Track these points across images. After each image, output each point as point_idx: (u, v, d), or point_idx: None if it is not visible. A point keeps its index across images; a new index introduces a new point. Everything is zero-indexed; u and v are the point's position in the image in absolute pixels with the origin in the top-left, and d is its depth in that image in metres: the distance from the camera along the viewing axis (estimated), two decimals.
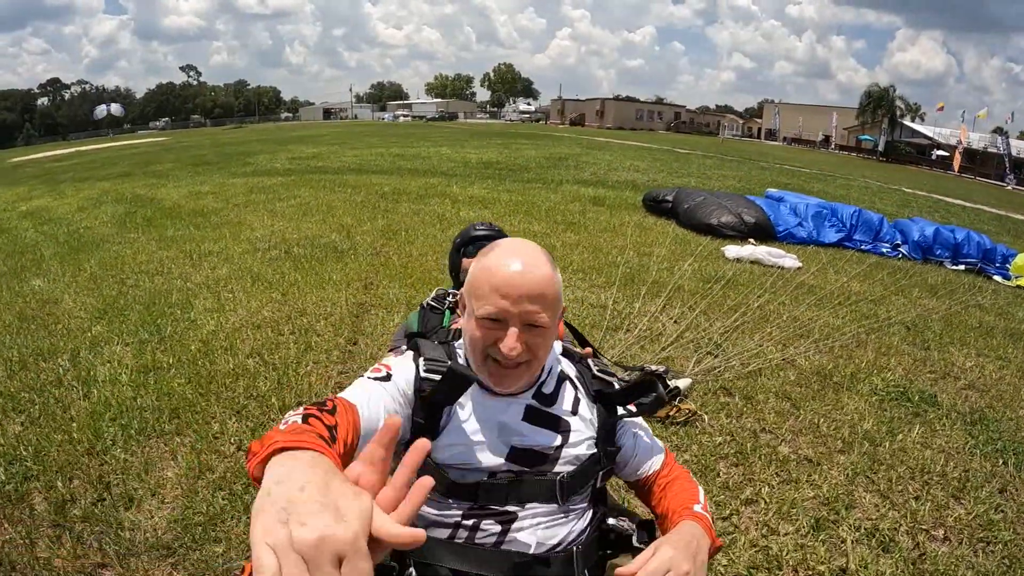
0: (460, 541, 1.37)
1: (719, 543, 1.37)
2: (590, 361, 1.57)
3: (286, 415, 1.09)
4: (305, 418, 1.06)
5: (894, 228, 8.14)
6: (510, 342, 1.28)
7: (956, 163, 51.94)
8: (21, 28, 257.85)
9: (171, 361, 3.67)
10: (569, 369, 1.52)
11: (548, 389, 1.46)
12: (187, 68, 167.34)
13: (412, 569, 1.34)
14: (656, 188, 10.51)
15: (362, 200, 9.48)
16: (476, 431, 1.37)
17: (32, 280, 5.88)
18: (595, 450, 1.45)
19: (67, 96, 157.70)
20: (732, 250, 6.60)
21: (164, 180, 13.66)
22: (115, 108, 55.66)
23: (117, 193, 11.88)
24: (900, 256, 7.58)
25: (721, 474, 2.61)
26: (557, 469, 1.39)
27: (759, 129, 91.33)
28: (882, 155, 60.90)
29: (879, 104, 65.41)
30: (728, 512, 2.35)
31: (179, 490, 2.43)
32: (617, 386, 1.52)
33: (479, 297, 1.31)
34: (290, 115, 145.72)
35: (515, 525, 1.37)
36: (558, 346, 1.56)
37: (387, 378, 1.38)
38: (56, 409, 3.15)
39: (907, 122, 70.39)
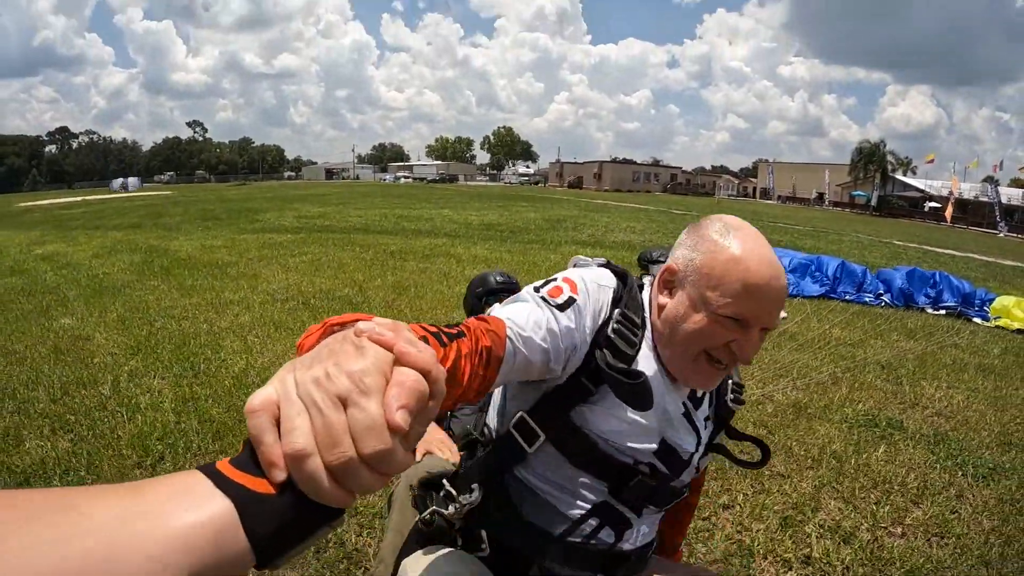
0: (575, 540, 1.28)
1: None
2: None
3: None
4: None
5: (876, 278, 8.53)
6: (752, 346, 1.17)
7: (948, 214, 52.56)
8: (32, 75, 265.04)
9: (207, 393, 4.02)
10: None
11: (699, 392, 1.36)
12: (193, 124, 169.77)
13: (486, 547, 1.30)
14: (650, 247, 10.88)
15: (371, 258, 9.89)
16: (641, 412, 1.23)
17: (61, 319, 6.16)
18: (707, 461, 1.45)
19: (75, 145, 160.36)
20: None
21: (175, 233, 14.21)
22: (132, 182, 56.79)
23: (130, 243, 12.40)
24: (883, 304, 7.92)
25: (706, 485, 2.92)
26: (683, 477, 1.35)
27: (754, 188, 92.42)
28: (875, 210, 61.53)
29: (870, 160, 66.40)
30: (707, 514, 2.72)
31: None
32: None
33: (726, 292, 1.16)
34: (292, 174, 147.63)
35: (627, 532, 1.31)
36: None
37: (567, 305, 1.17)
38: (104, 429, 3.51)
39: (899, 176, 71.36)
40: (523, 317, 1.10)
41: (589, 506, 1.26)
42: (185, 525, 0.44)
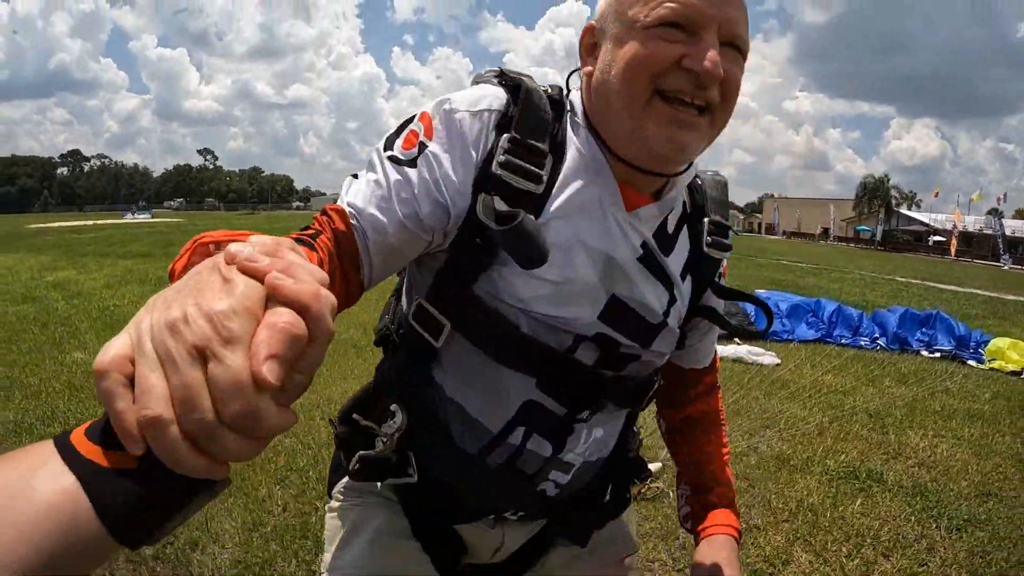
0: (494, 464, 1.05)
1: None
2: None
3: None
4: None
5: (872, 322, 8.62)
6: (708, 53, 0.87)
7: (952, 247, 52.90)
8: (47, 97, 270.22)
9: None
10: (687, 203, 1.13)
11: (671, 226, 1.07)
12: (204, 152, 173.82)
13: (413, 471, 1.06)
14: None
15: (377, 298, 9.95)
16: (577, 261, 0.97)
17: (73, 352, 6.35)
18: (679, 327, 1.11)
19: (87, 168, 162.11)
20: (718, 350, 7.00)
21: None
22: (142, 217, 57.45)
23: (141, 273, 12.74)
24: (878, 348, 8.00)
25: (680, 538, 3.08)
26: (654, 348, 1.06)
27: (760, 224, 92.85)
28: (880, 244, 61.85)
29: (874, 195, 66.81)
30: (682, 565, 2.85)
31: (237, 539, 2.99)
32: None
33: None
34: (301, 204, 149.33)
35: (570, 441, 1.06)
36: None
37: (418, 156, 0.94)
38: None
39: (903, 210, 71.79)
40: (365, 195, 0.93)
41: (514, 408, 1.02)
42: (40, 501, 0.42)
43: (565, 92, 1.04)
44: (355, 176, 0.98)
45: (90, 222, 49.78)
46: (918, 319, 8.49)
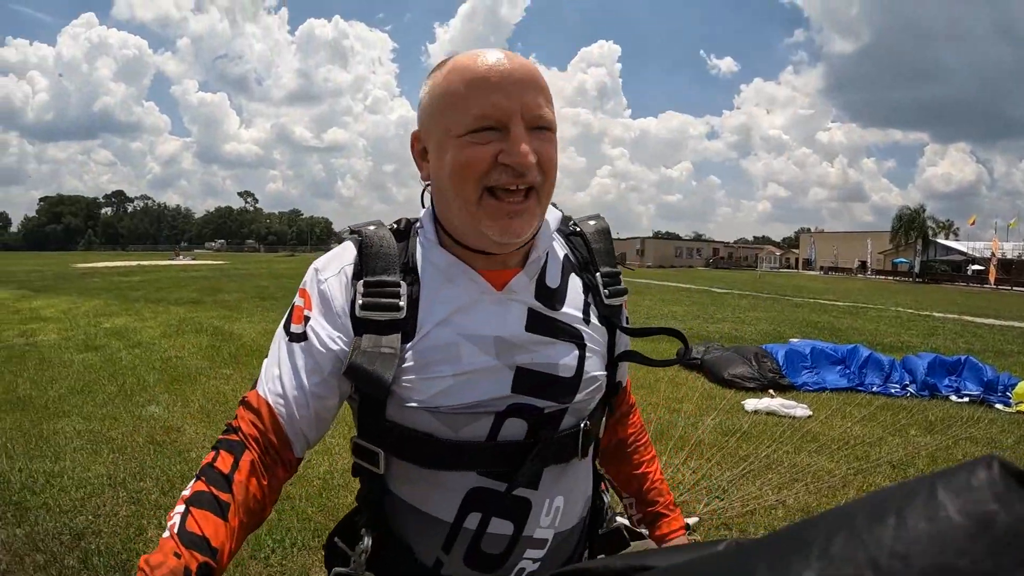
0: (462, 552, 1.09)
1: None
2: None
3: (191, 484, 0.98)
4: (183, 520, 0.92)
5: (902, 368, 8.81)
6: (520, 144, 0.99)
7: (992, 276, 52.17)
8: (92, 139, 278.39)
9: (300, 493, 4.53)
10: (570, 255, 1.24)
11: (553, 280, 1.16)
12: (245, 194, 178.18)
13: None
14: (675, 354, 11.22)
15: None
16: (465, 353, 1.06)
17: (147, 406, 6.79)
18: (604, 373, 1.20)
19: (130, 209, 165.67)
20: (751, 403, 7.34)
21: (235, 312, 15.18)
22: (182, 261, 58.81)
23: (195, 323, 13.45)
24: (908, 395, 8.18)
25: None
26: (579, 399, 1.13)
27: (796, 259, 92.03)
28: (918, 276, 60.90)
29: (911, 226, 65.78)
30: None
31: None
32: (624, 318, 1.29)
33: (457, 106, 1.02)
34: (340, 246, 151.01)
35: (531, 515, 1.11)
36: (554, 218, 1.24)
37: (301, 336, 1.08)
38: None
39: (941, 240, 70.69)
40: (278, 380, 1.06)
41: (460, 498, 1.08)
42: None
43: (422, 208, 1.21)
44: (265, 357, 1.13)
45: (134, 263, 51.18)
46: (947, 365, 8.67)
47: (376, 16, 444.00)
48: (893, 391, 8.31)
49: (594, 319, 1.18)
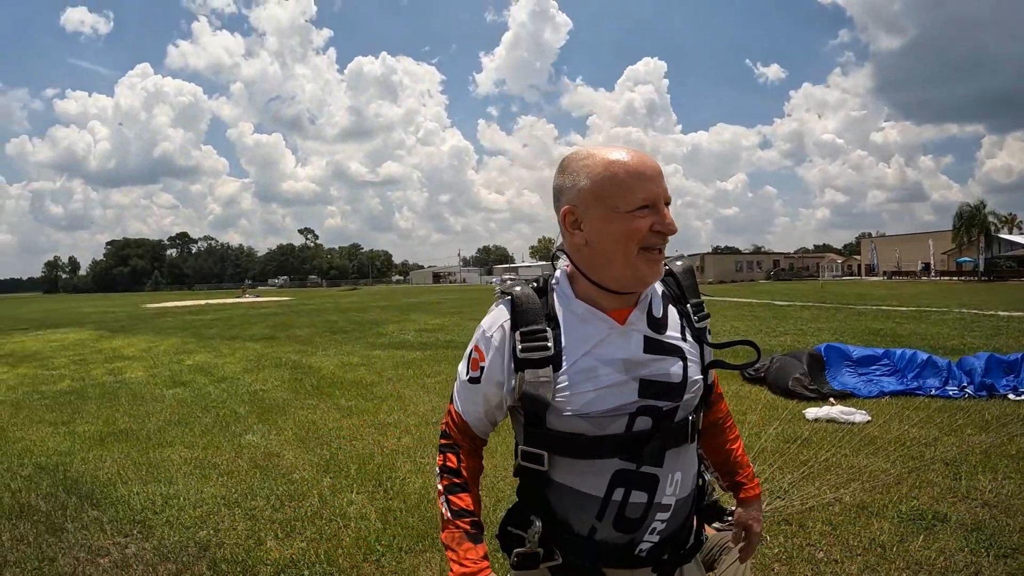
0: (611, 519, 1.50)
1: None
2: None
3: (437, 475, 1.64)
4: (449, 503, 1.57)
5: (959, 369, 8.92)
6: (669, 218, 1.46)
7: None
8: (153, 183, 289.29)
9: (402, 506, 4.94)
10: (667, 290, 1.65)
11: (657, 312, 1.57)
12: (305, 231, 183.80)
13: (559, 557, 1.57)
14: (752, 357, 11.40)
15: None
16: (602, 373, 1.48)
17: (244, 435, 7.30)
18: (702, 377, 1.61)
19: (194, 250, 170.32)
20: (812, 412, 7.58)
21: (310, 347, 15.81)
22: (249, 299, 60.13)
23: (273, 358, 14.16)
24: (966, 396, 8.27)
25: (775, 568, 3.83)
26: (687, 397, 1.54)
27: (859, 266, 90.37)
28: (983, 275, 59.25)
29: (972, 224, 63.96)
30: None
31: None
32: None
33: (625, 192, 1.43)
34: (401, 278, 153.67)
35: (659, 487, 1.51)
36: None
37: (478, 379, 1.59)
38: (328, 533, 4.52)
39: (1004, 235, 68.63)
40: (464, 401, 1.63)
41: (608, 478, 1.49)
42: None
43: (553, 272, 1.66)
44: (456, 387, 1.68)
45: (202, 302, 52.79)
46: (1004, 364, 8.79)
47: (422, 50, 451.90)
48: (951, 393, 8.40)
49: (689, 338, 1.59)
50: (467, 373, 1.61)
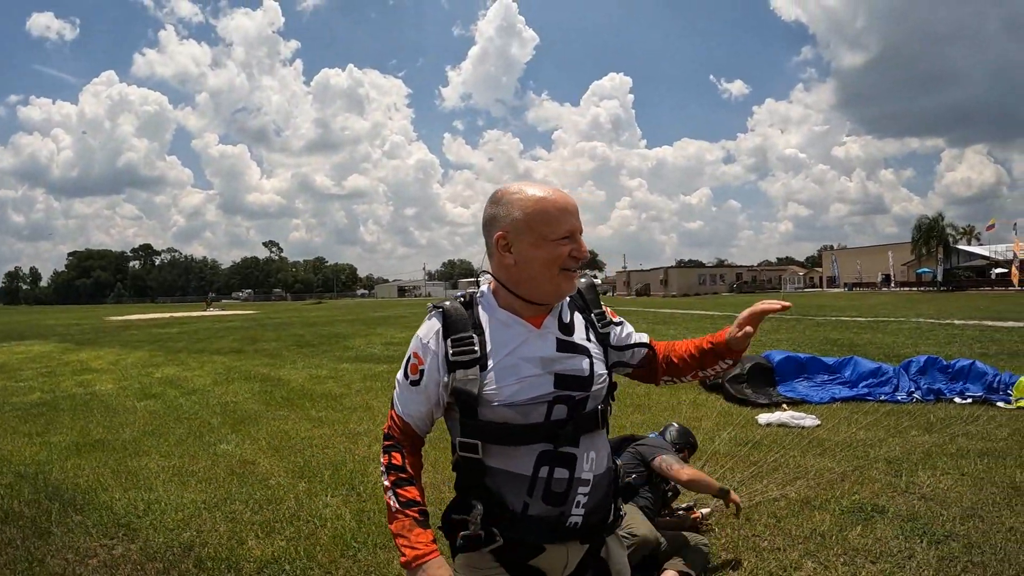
0: (536, 505, 1.72)
1: None
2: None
3: (383, 473, 1.84)
4: (397, 496, 1.77)
5: (902, 371, 9.45)
6: (583, 245, 1.77)
7: (1015, 278, 51.78)
8: (117, 193, 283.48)
9: (374, 508, 5.15)
10: (574, 301, 1.95)
11: (566, 317, 1.87)
12: (270, 244, 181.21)
13: (500, 539, 1.74)
14: None
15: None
16: (523, 368, 1.73)
17: (219, 444, 7.43)
18: (606, 371, 1.89)
19: (157, 262, 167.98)
20: (764, 417, 7.91)
21: (278, 360, 15.92)
22: (214, 312, 59.52)
23: (242, 371, 14.28)
24: (914, 400, 8.68)
25: (722, 556, 4.14)
26: (595, 388, 1.80)
27: (820, 278, 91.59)
28: (942, 285, 60.45)
29: (930, 235, 65.27)
30: (720, 574, 3.92)
31: None
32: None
33: (551, 222, 1.73)
34: (366, 292, 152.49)
35: (577, 463, 1.76)
36: None
37: (418, 382, 1.81)
38: (306, 532, 4.73)
39: (962, 246, 70.05)
40: (405, 403, 1.84)
41: (534, 458, 1.72)
42: None
43: (478, 288, 1.94)
44: (395, 387, 1.90)
45: (167, 315, 52.39)
46: (944, 366, 9.36)
47: (389, 63, 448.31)
48: (900, 398, 8.81)
49: (593, 339, 1.89)
50: (407, 377, 1.84)
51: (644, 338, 2.09)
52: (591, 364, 1.82)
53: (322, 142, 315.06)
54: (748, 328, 1.88)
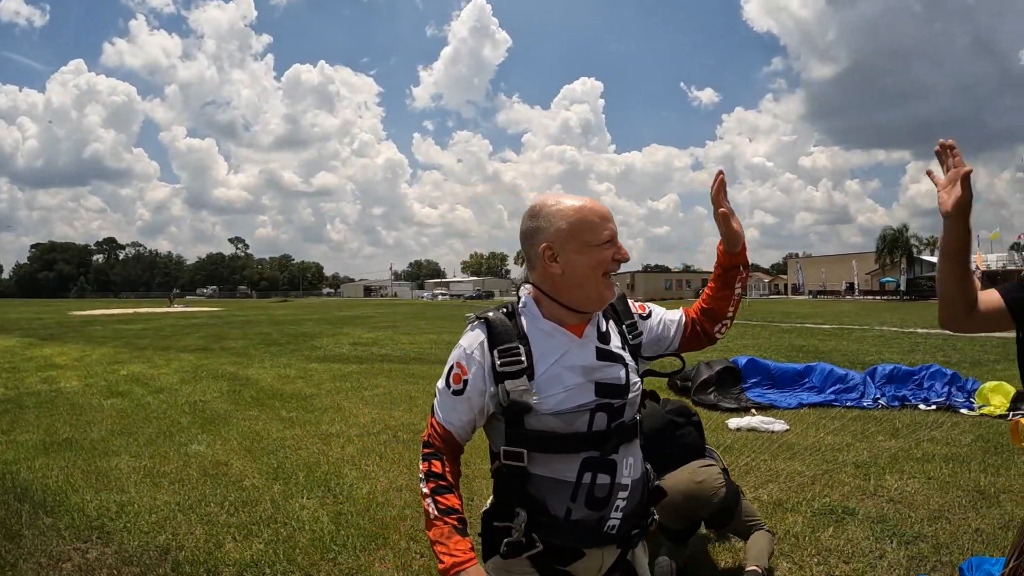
0: (583, 500, 1.76)
1: None
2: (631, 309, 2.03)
3: (421, 480, 1.80)
4: (436, 503, 1.74)
5: (868, 377, 9.68)
6: (624, 249, 1.82)
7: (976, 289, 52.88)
8: (82, 185, 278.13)
9: (351, 510, 5.14)
10: (610, 312, 1.97)
11: (602, 327, 1.90)
12: (235, 240, 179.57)
13: (539, 544, 1.76)
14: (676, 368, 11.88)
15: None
16: (567, 378, 1.76)
17: (190, 445, 7.33)
18: (639, 379, 1.92)
19: (121, 256, 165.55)
20: (734, 422, 8.02)
21: (246, 359, 15.88)
22: (178, 308, 58.82)
23: (209, 369, 14.18)
24: (880, 407, 8.87)
25: (697, 557, 4.18)
26: (631, 396, 1.83)
27: (785, 285, 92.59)
28: (905, 294, 61.51)
29: (894, 245, 66.34)
30: (695, 573, 3.98)
31: None
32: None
33: (594, 229, 1.78)
34: (332, 291, 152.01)
35: (617, 469, 1.79)
36: None
37: (461, 391, 1.81)
38: (284, 535, 4.68)
39: (926, 256, 71.09)
40: (448, 411, 1.83)
41: (578, 465, 1.75)
42: None
43: (517, 299, 1.93)
44: (435, 396, 1.89)
45: (131, 310, 51.73)
46: (909, 374, 9.61)
47: (361, 61, 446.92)
48: (866, 404, 8.99)
49: (626, 348, 1.92)
50: (449, 387, 1.84)
51: (676, 315, 2.12)
52: (627, 372, 1.86)
53: (291, 138, 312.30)
54: (723, 212, 2.03)
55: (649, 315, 2.08)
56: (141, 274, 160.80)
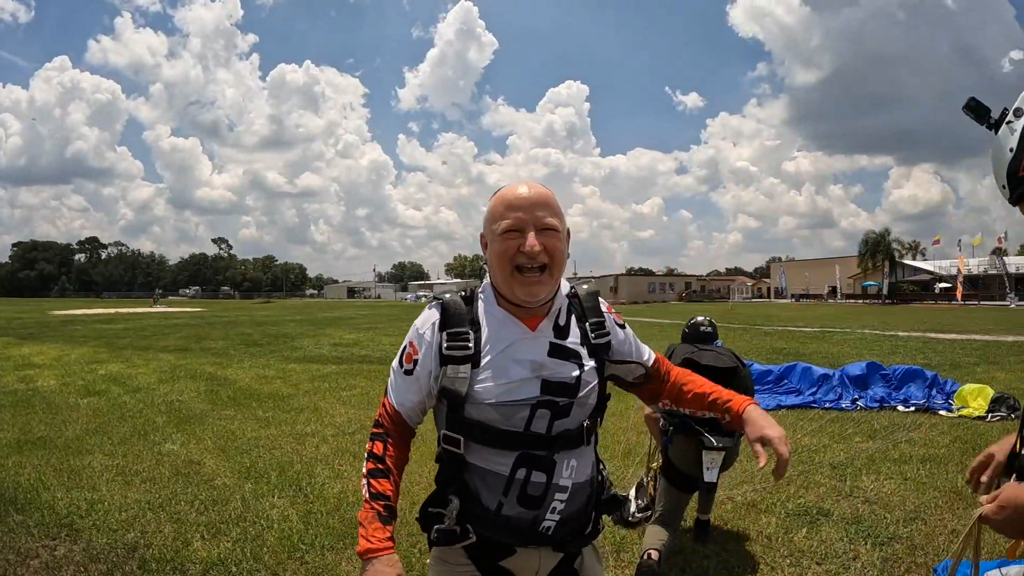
0: (511, 506, 1.71)
1: None
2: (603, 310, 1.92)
3: (365, 461, 1.76)
4: (369, 485, 1.70)
5: (845, 377, 9.68)
6: (531, 240, 1.65)
7: (959, 293, 53.27)
8: (65, 183, 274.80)
9: (321, 509, 5.12)
10: (573, 308, 1.87)
11: (562, 322, 1.81)
12: (219, 241, 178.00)
13: (473, 535, 1.73)
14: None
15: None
16: (513, 371, 1.69)
17: (164, 444, 7.29)
18: (598, 379, 1.81)
19: (104, 256, 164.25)
20: None
21: (225, 359, 15.75)
22: (161, 309, 58.46)
23: (188, 369, 14.04)
24: (859, 408, 8.87)
25: (670, 558, 4.08)
26: (580, 395, 1.74)
27: (768, 289, 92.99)
28: (887, 298, 61.87)
29: (877, 249, 66.69)
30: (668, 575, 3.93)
31: None
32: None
33: (497, 218, 1.70)
34: (315, 292, 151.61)
35: (556, 469, 1.72)
36: (565, 286, 1.88)
37: (412, 371, 1.77)
38: (252, 534, 4.66)
39: (908, 261, 71.86)
40: (399, 392, 1.78)
41: (513, 459, 1.69)
42: None
43: (481, 285, 1.87)
44: (391, 376, 1.84)
45: (112, 310, 51.31)
46: (880, 370, 9.71)
47: (346, 62, 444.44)
48: (844, 405, 8.99)
49: (587, 347, 1.81)
50: (402, 366, 1.80)
51: (647, 357, 2.02)
52: (580, 371, 1.77)
53: (275, 139, 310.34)
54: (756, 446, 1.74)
55: (623, 329, 1.99)
56: (123, 274, 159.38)
